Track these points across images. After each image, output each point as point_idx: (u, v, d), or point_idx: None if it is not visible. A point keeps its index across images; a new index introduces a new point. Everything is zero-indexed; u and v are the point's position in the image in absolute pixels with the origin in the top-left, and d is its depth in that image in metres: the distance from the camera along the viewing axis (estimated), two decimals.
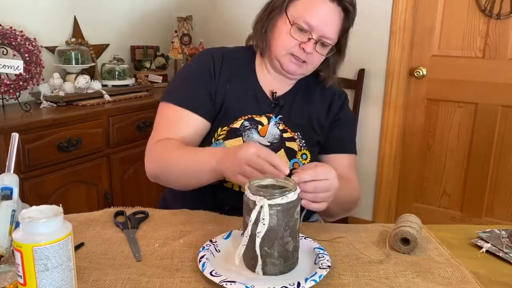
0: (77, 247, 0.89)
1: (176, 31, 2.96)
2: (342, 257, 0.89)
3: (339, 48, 1.18)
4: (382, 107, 2.64)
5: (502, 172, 2.47)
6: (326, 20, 1.09)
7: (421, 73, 2.53)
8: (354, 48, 1.25)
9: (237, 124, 1.14)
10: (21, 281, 0.64)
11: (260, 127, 1.15)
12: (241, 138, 1.13)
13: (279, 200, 0.77)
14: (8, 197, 0.77)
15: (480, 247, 0.96)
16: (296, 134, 1.18)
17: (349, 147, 1.25)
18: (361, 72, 2.61)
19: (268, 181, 0.84)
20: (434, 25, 2.48)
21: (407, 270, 0.85)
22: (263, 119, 1.16)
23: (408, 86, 2.59)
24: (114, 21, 2.70)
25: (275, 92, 1.19)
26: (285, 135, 1.17)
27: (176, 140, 1.08)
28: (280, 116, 1.18)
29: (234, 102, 1.15)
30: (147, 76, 2.76)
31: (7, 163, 0.78)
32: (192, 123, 1.11)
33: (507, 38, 2.34)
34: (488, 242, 0.96)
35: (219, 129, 1.14)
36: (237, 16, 2.93)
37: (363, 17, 2.40)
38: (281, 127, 1.17)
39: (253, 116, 1.16)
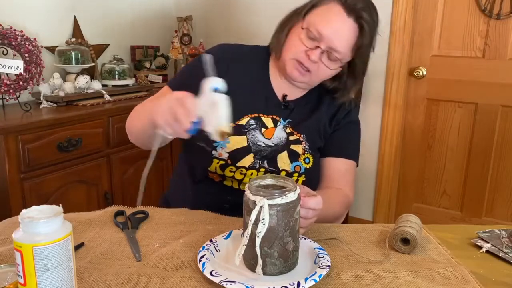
0: (77, 247, 0.89)
1: (176, 31, 2.96)
2: (342, 257, 0.89)
3: (353, 69, 1.17)
4: (382, 107, 2.64)
5: (502, 172, 2.47)
6: (338, 33, 1.07)
7: (421, 73, 2.53)
8: None
9: (243, 121, 1.14)
10: (21, 281, 0.64)
11: (263, 129, 1.15)
12: (245, 136, 1.13)
13: (279, 200, 0.77)
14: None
15: (480, 247, 0.96)
16: (302, 136, 1.17)
17: (347, 152, 1.22)
18: None
19: (268, 181, 0.85)
20: (434, 25, 2.48)
21: (407, 270, 0.85)
22: (269, 121, 1.16)
23: (408, 86, 2.59)
24: (114, 21, 2.70)
25: (286, 95, 1.20)
26: (291, 137, 1.16)
27: None
28: (289, 120, 1.18)
29: (241, 98, 1.13)
30: (147, 76, 2.76)
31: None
32: None
33: (507, 38, 2.34)
34: (488, 242, 0.96)
35: None
36: (237, 16, 2.93)
37: None
38: (288, 130, 1.17)
39: (260, 115, 1.16)
